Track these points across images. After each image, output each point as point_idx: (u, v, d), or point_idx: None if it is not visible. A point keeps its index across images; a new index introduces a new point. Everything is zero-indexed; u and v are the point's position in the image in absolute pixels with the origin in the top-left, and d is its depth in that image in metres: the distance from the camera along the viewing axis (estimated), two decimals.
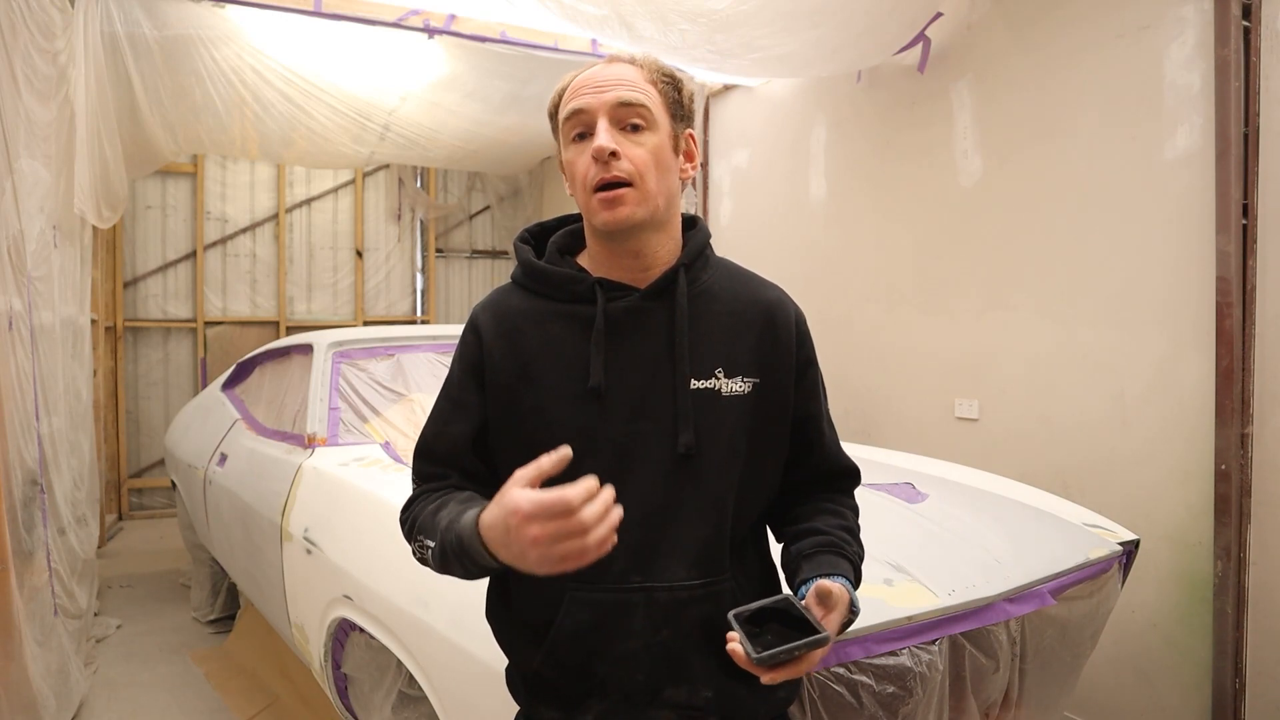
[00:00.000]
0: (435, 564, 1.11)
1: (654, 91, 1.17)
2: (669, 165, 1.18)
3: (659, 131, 1.16)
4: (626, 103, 1.13)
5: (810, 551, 1.18)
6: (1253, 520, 2.58)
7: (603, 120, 1.13)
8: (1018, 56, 3.23)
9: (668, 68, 1.21)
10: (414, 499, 1.23)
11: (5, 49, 2.73)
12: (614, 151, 1.11)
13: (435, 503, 1.16)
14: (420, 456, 1.25)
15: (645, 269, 1.19)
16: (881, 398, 3.89)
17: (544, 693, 1.20)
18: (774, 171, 4.58)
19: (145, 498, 6.56)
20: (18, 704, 2.55)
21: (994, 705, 1.80)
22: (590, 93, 1.14)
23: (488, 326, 1.21)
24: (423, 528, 1.14)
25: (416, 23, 3.76)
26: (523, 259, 1.25)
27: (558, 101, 1.20)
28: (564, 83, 1.20)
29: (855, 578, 1.17)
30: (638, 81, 1.16)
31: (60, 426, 3.42)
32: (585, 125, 1.15)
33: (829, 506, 1.26)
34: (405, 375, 3.08)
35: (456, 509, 1.09)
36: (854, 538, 1.23)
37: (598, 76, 1.16)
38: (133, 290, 6.46)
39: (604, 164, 1.11)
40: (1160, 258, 2.78)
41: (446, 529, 1.06)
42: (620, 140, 1.12)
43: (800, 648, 0.96)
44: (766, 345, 1.22)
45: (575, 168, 1.15)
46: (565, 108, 1.17)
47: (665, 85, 1.19)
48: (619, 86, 1.14)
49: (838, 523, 1.23)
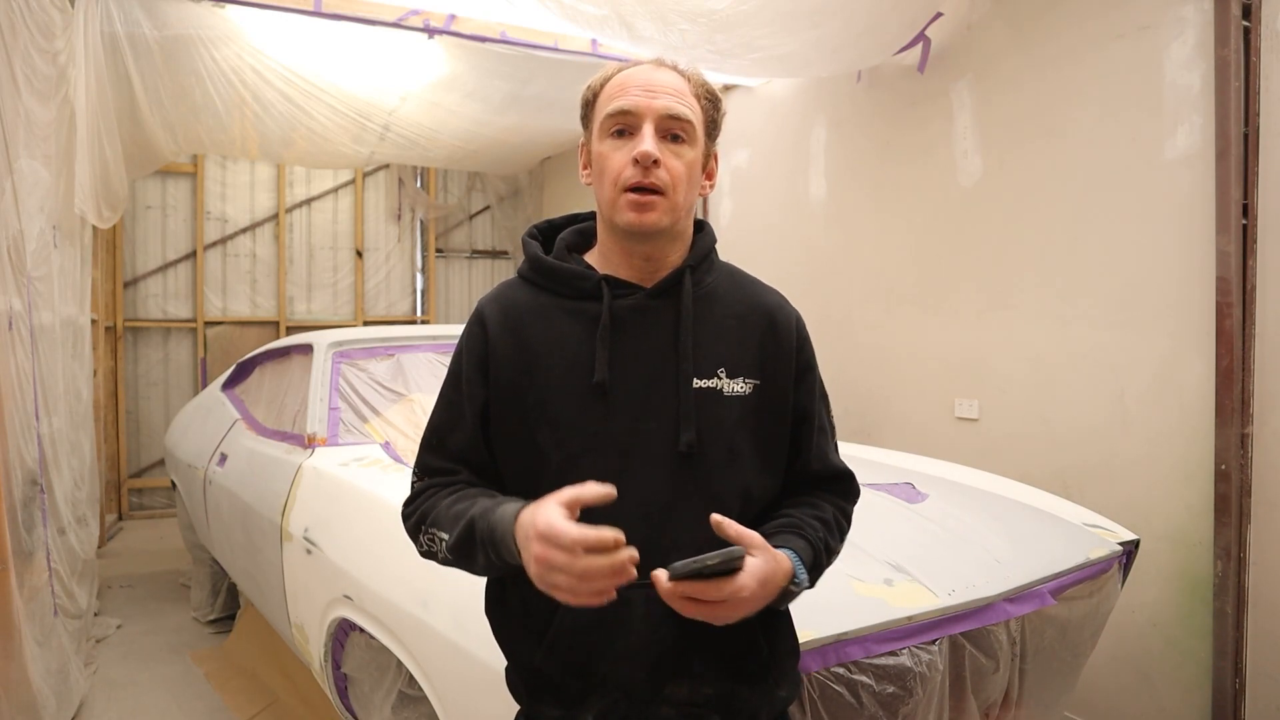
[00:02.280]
0: (446, 555, 1.13)
1: (697, 107, 1.19)
2: (696, 181, 1.20)
3: (696, 147, 1.18)
4: (675, 115, 1.15)
5: (770, 531, 1.18)
6: (1253, 520, 2.58)
7: (649, 125, 1.14)
8: (1018, 56, 3.23)
9: (711, 85, 1.23)
10: (419, 493, 1.23)
11: (5, 49, 2.73)
12: (657, 159, 1.13)
13: (450, 497, 1.17)
14: (429, 450, 1.25)
15: (654, 270, 1.21)
16: (881, 398, 3.89)
17: (544, 691, 1.20)
18: (774, 171, 4.58)
19: (145, 498, 6.56)
20: (18, 704, 2.55)
21: (994, 705, 1.80)
22: (641, 95, 1.15)
23: (494, 319, 1.22)
24: (435, 520, 1.15)
25: (416, 23, 3.76)
26: (530, 254, 1.26)
27: (598, 90, 1.20)
28: (606, 73, 1.21)
29: (812, 555, 1.16)
30: (686, 94, 1.18)
31: (60, 426, 3.42)
32: (629, 125, 1.15)
33: (808, 500, 1.26)
34: (405, 375, 3.08)
35: (488, 502, 1.10)
36: (823, 525, 1.22)
37: (650, 80, 1.16)
38: (133, 290, 6.47)
39: (645, 169, 1.13)
40: (1160, 258, 2.78)
41: (479, 517, 1.07)
42: (662, 149, 1.14)
43: (712, 557, 0.98)
44: (768, 348, 1.23)
45: (608, 162, 1.16)
46: (610, 102, 1.17)
47: (707, 103, 1.21)
48: (670, 96, 1.15)
49: (809, 512, 1.23)
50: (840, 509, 1.29)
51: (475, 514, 1.09)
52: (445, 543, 1.12)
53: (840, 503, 1.30)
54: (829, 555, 1.23)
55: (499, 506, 1.08)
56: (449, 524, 1.13)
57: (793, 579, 1.11)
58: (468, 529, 1.09)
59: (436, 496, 1.19)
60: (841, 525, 1.28)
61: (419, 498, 1.22)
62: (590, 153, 1.22)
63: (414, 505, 1.22)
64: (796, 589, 1.12)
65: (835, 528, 1.25)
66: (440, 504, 1.17)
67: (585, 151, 1.24)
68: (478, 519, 1.08)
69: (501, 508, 1.07)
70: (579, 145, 1.27)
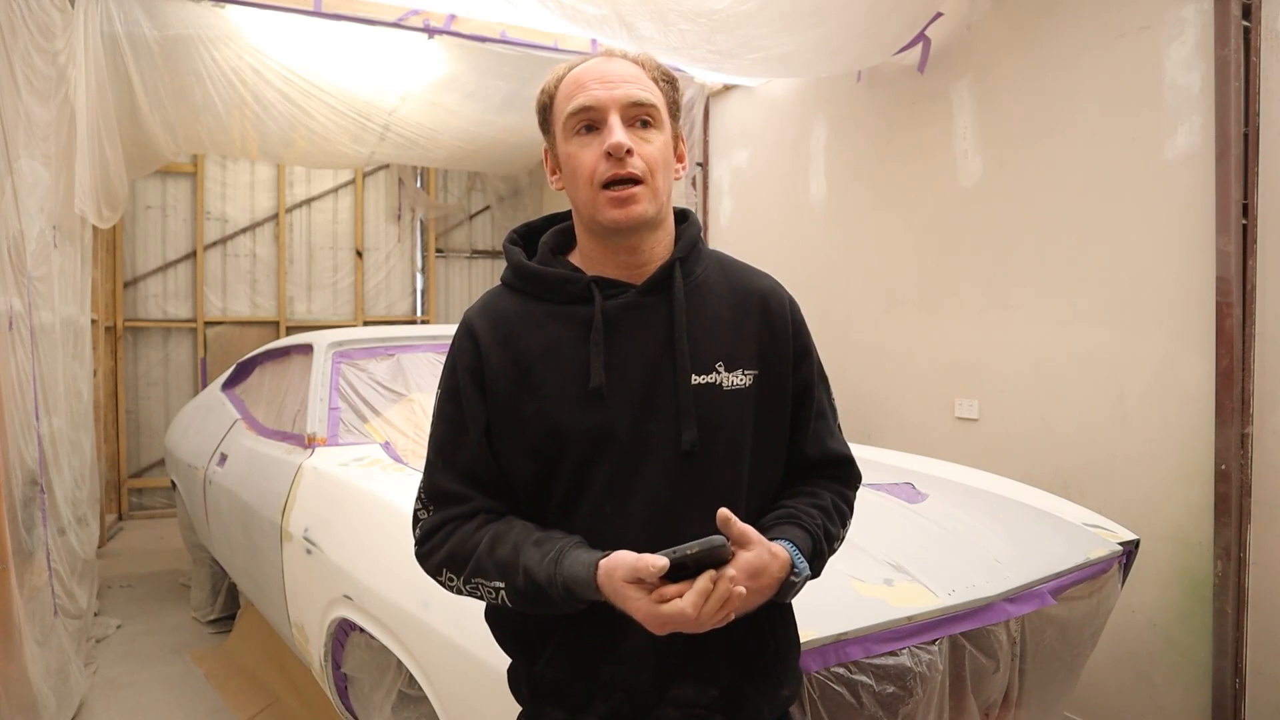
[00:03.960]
0: (507, 602, 1.11)
1: (657, 90, 1.17)
2: (670, 164, 1.18)
3: (664, 131, 1.16)
4: (638, 101, 1.13)
5: (768, 524, 1.17)
6: (1253, 520, 2.58)
7: (615, 117, 1.12)
8: (1018, 56, 3.23)
9: (665, 67, 1.20)
10: (435, 529, 1.17)
11: (5, 49, 2.73)
12: (630, 149, 1.11)
13: (484, 540, 1.12)
14: (437, 471, 1.19)
15: (640, 265, 1.18)
16: (881, 398, 3.89)
17: (547, 693, 1.19)
18: (774, 171, 4.58)
19: (145, 498, 6.56)
20: (18, 704, 2.55)
21: (994, 705, 1.80)
22: (600, 88, 1.12)
23: (484, 332, 1.18)
24: (480, 569, 1.11)
25: (416, 23, 3.76)
26: (513, 260, 1.23)
27: (553, 92, 1.18)
28: (557, 74, 1.18)
29: (811, 544, 1.15)
30: (643, 79, 1.16)
31: (61, 426, 3.42)
32: (593, 120, 1.13)
33: (806, 489, 1.24)
34: (405, 375, 3.08)
35: (536, 552, 1.08)
36: (821, 512, 1.20)
37: (605, 72, 1.14)
38: (133, 290, 6.46)
39: (619, 160, 1.11)
40: (1160, 258, 2.78)
41: (549, 580, 1.05)
42: (632, 137, 1.12)
43: (691, 546, 0.98)
44: (765, 335, 1.21)
45: (579, 161, 1.13)
46: (569, 101, 1.14)
47: (665, 85, 1.19)
48: (630, 84, 1.13)
49: (808, 501, 1.22)
50: (840, 494, 1.26)
51: (537, 570, 1.06)
52: (502, 591, 1.10)
53: (839, 488, 1.27)
54: (830, 542, 1.20)
55: (561, 563, 1.05)
56: (498, 573, 1.10)
57: (792, 569, 1.09)
58: (523, 586, 1.07)
59: (460, 535, 1.14)
60: (842, 511, 1.25)
61: (436, 534, 1.17)
62: (557, 157, 1.19)
63: (432, 543, 1.17)
64: (798, 579, 1.10)
65: (835, 514, 1.23)
66: (476, 548, 1.12)
67: (550, 157, 1.21)
68: (547, 582, 1.05)
69: (570, 560, 1.05)
70: (543, 154, 1.24)
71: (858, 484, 1.31)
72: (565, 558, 1.05)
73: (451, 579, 1.15)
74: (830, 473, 1.28)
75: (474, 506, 1.16)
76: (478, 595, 1.14)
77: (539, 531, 1.12)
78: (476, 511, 1.16)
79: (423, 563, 1.19)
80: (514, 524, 1.14)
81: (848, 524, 1.27)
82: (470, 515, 1.16)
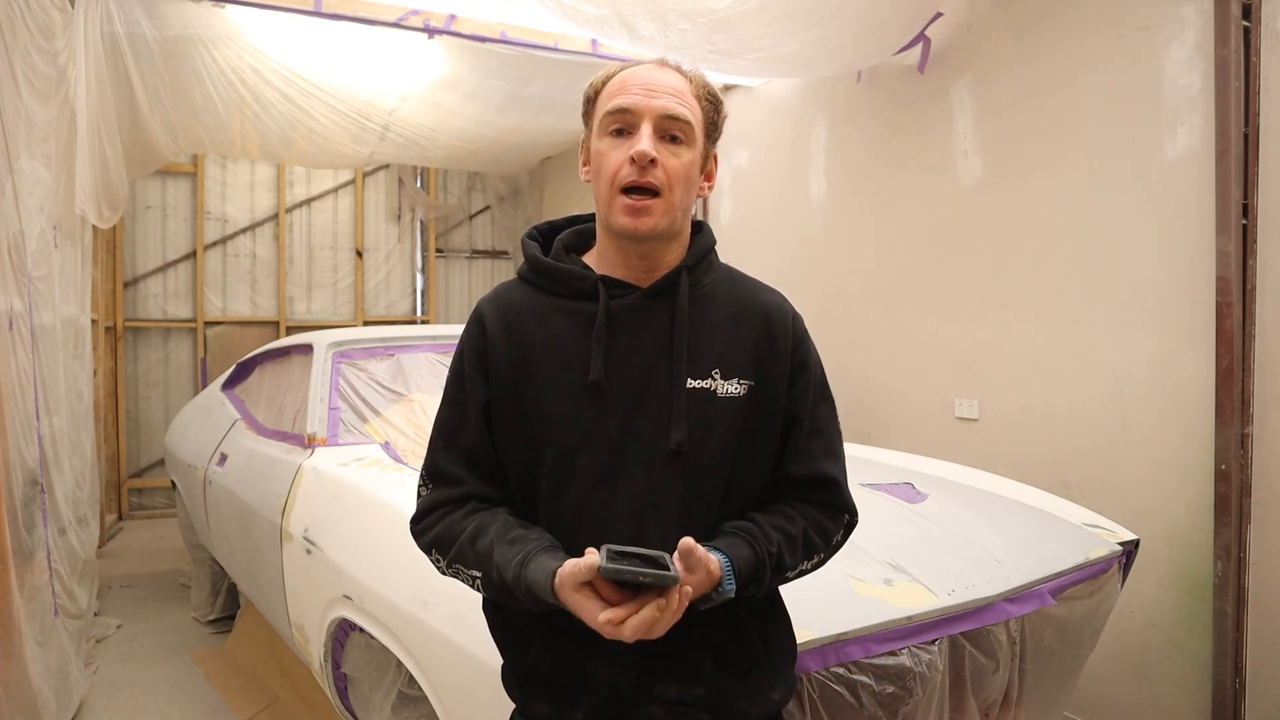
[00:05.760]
0: (486, 592, 1.16)
1: (697, 108, 1.19)
2: (694, 182, 1.21)
3: (694, 149, 1.19)
4: (673, 116, 1.15)
5: (725, 530, 1.17)
6: (1253, 520, 2.58)
7: (647, 125, 1.15)
8: (1018, 57, 3.23)
9: (712, 87, 1.23)
10: (429, 509, 1.23)
11: (5, 49, 2.73)
12: (654, 159, 1.13)
13: (469, 529, 1.17)
14: (438, 450, 1.25)
15: (651, 270, 1.22)
16: (881, 397, 3.89)
17: (536, 688, 1.21)
18: (774, 171, 4.57)
19: (145, 498, 6.56)
20: (18, 704, 2.55)
21: (994, 705, 1.81)
22: (641, 94, 1.16)
23: (492, 318, 1.23)
24: (461, 556, 1.16)
25: (416, 23, 3.76)
26: (529, 254, 1.28)
27: (599, 88, 1.21)
28: (608, 71, 1.21)
29: (753, 565, 1.12)
30: (686, 95, 1.18)
31: (61, 426, 3.42)
32: (627, 124, 1.16)
33: (784, 510, 1.22)
34: (405, 375, 3.08)
35: (509, 551, 1.11)
36: (785, 538, 1.17)
37: (651, 80, 1.17)
38: (133, 290, 6.47)
39: (641, 169, 1.13)
40: (1160, 258, 2.78)
41: (514, 580, 1.08)
42: (659, 149, 1.14)
43: (643, 574, 0.98)
44: (763, 348, 1.23)
45: (606, 160, 1.17)
46: (610, 100, 1.17)
47: (708, 105, 1.21)
48: (670, 96, 1.16)
49: (776, 521, 1.19)
50: (818, 526, 1.22)
51: (505, 568, 1.09)
52: (478, 580, 1.15)
53: (819, 518, 1.23)
54: (781, 571, 1.17)
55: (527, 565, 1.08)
56: (475, 563, 1.15)
57: (716, 587, 1.09)
58: (498, 581, 1.11)
59: (449, 520, 1.20)
60: (812, 543, 1.21)
61: (430, 515, 1.22)
62: (590, 150, 1.22)
63: (425, 523, 1.23)
64: (718, 597, 1.10)
65: (800, 545, 1.19)
66: (460, 535, 1.17)
67: (585, 148, 1.24)
68: (512, 581, 1.08)
69: (533, 568, 1.07)
70: (580, 143, 1.27)
71: (845, 512, 1.26)
72: (531, 561, 1.08)
73: (439, 560, 1.21)
74: (815, 497, 1.24)
75: (465, 491, 1.21)
76: (460, 579, 1.19)
77: (518, 529, 1.15)
78: (468, 497, 1.21)
79: (416, 539, 1.25)
80: (497, 516, 1.18)
81: (817, 557, 1.23)
82: (462, 501, 1.21)
